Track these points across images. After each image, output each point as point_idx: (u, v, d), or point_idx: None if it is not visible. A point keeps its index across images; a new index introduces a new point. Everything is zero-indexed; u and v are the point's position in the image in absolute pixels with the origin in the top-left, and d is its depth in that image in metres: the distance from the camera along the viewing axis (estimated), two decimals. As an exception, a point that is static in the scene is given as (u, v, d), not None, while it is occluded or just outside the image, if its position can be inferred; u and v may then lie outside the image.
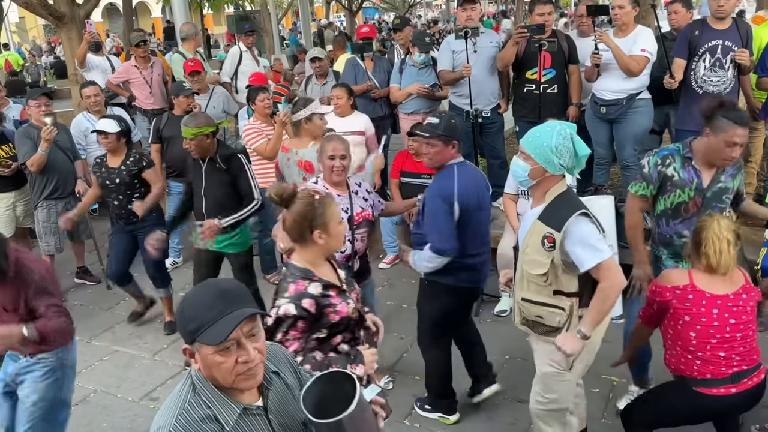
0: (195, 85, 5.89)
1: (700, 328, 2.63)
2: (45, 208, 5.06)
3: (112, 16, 33.03)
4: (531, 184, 2.62)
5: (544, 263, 2.56)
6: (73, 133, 5.48)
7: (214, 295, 1.50)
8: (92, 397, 3.99)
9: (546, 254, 2.55)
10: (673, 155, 3.07)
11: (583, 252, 2.49)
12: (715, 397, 2.64)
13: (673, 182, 3.06)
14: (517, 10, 23.27)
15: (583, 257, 2.49)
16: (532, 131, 2.59)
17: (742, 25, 4.51)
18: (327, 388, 1.58)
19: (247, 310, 1.49)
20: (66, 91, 10.99)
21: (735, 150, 2.89)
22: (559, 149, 2.48)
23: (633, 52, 4.52)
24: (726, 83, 4.51)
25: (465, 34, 4.89)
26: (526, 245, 2.64)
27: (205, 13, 24.99)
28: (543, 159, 2.51)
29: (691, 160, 3.05)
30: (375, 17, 34.31)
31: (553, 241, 2.51)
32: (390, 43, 10.98)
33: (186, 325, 1.50)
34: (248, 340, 1.49)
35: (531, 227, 2.62)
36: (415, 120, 5.42)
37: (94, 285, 5.59)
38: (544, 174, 2.54)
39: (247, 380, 1.52)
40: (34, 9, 7.30)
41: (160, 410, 1.56)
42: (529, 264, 2.64)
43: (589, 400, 3.59)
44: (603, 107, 4.77)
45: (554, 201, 2.56)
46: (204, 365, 1.51)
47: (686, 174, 3.04)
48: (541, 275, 2.59)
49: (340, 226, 2.38)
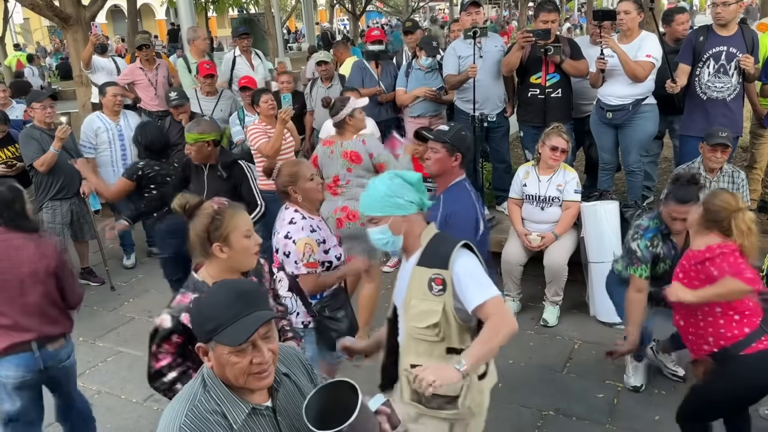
0: (206, 88, 5.92)
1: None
2: (50, 209, 5.08)
3: (117, 18, 33.10)
4: (399, 243, 2.29)
5: (436, 310, 2.20)
6: (84, 131, 5.50)
7: (233, 295, 1.52)
8: (96, 399, 3.98)
9: (436, 300, 2.20)
10: (656, 236, 3.39)
11: (468, 288, 2.16)
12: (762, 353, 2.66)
13: (659, 258, 3.41)
14: (521, 15, 23.32)
15: (469, 294, 2.15)
16: (361, 201, 2.32)
17: (747, 32, 4.52)
18: (330, 398, 1.58)
19: (265, 314, 1.52)
20: (71, 93, 10.98)
21: (676, 224, 3.24)
22: (393, 190, 2.23)
23: (638, 57, 4.52)
24: (730, 89, 4.52)
25: (474, 35, 4.90)
26: (409, 300, 2.27)
27: (209, 15, 25.03)
28: (390, 208, 2.23)
29: (669, 235, 3.38)
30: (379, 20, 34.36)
31: (442, 282, 2.18)
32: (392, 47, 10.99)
33: (203, 324, 1.52)
34: (263, 341, 1.52)
35: (410, 278, 2.27)
36: (421, 123, 5.44)
37: (98, 286, 5.60)
38: (403, 222, 2.25)
39: (260, 381, 1.53)
40: (40, 10, 7.33)
41: (169, 405, 1.58)
42: (416, 319, 2.25)
43: (593, 406, 3.61)
44: (609, 112, 4.78)
45: (430, 242, 2.26)
46: (217, 364, 1.53)
47: (666, 249, 3.40)
48: (433, 326, 2.21)
49: (245, 240, 2.20)
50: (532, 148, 4.86)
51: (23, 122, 5.86)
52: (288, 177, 3.02)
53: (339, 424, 1.48)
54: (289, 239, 2.94)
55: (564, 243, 4.41)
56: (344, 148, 4.12)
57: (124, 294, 5.41)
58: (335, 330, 3.05)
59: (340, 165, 4.11)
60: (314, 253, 2.92)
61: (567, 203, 4.41)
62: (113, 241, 5.07)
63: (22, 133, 5.06)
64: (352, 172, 4.10)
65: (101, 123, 5.49)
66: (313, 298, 3.04)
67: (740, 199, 2.79)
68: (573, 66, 4.95)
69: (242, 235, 2.19)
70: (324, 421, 1.51)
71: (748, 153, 5.70)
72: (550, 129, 4.41)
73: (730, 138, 4.09)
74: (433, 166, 3.12)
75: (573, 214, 4.42)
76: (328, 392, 1.59)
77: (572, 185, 4.41)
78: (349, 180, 4.11)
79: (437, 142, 3.10)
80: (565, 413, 3.56)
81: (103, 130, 5.49)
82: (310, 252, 2.91)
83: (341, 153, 4.11)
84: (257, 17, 17.97)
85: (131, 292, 5.40)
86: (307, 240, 2.92)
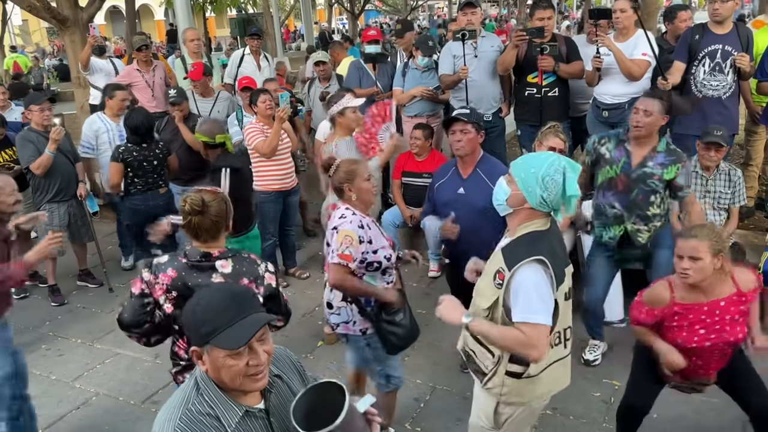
0: (197, 89, 5.93)
1: None
2: (47, 212, 5.07)
3: (115, 19, 33.11)
4: (508, 211, 2.30)
5: (490, 298, 2.29)
6: (84, 132, 5.50)
7: (227, 298, 1.54)
8: (94, 401, 3.99)
9: (494, 290, 2.27)
10: (610, 137, 3.58)
11: (517, 302, 2.18)
12: None
13: (605, 159, 3.56)
14: (519, 13, 23.31)
15: (515, 308, 2.19)
16: (525, 156, 2.34)
17: (742, 30, 4.51)
18: (318, 399, 1.58)
19: (262, 317, 1.53)
20: (69, 94, 11.00)
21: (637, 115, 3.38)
22: (545, 181, 2.16)
23: (634, 55, 4.52)
24: (725, 87, 4.52)
25: (462, 37, 4.91)
26: (485, 273, 2.40)
27: (207, 16, 25.03)
28: (526, 187, 2.21)
29: (625, 142, 3.50)
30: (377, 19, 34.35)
31: (503, 278, 2.23)
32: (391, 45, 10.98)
33: (198, 327, 1.52)
34: (258, 343, 1.53)
35: (493, 256, 2.37)
36: (418, 122, 5.44)
37: (97, 288, 5.60)
38: (523, 204, 2.23)
39: (255, 382, 1.55)
40: (38, 12, 7.33)
41: (162, 408, 1.58)
42: (479, 293, 2.39)
43: (590, 405, 3.61)
44: (605, 111, 4.78)
45: (521, 237, 2.26)
46: (213, 367, 1.54)
47: (617, 153, 3.51)
48: (485, 309, 2.31)
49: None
50: (529, 147, 4.86)
51: (22, 125, 5.87)
52: (345, 174, 2.95)
53: (326, 425, 1.48)
54: (334, 230, 2.90)
55: (561, 242, 4.42)
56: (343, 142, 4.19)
57: (122, 296, 5.41)
58: (395, 334, 2.94)
59: None
60: (352, 246, 2.82)
61: (564, 202, 4.41)
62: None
63: (18, 136, 5.06)
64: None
65: (102, 124, 5.49)
66: (368, 304, 2.96)
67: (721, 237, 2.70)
68: (567, 71, 4.95)
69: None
70: (312, 422, 1.51)
71: (743, 150, 5.71)
72: (547, 129, 4.39)
73: (725, 137, 4.10)
74: (467, 145, 3.43)
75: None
76: (316, 393, 1.59)
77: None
78: None
79: (468, 123, 3.38)
80: (562, 412, 3.56)
81: (103, 131, 5.49)
82: (348, 243, 2.82)
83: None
84: (256, 17, 17.98)
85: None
86: (349, 232, 2.84)
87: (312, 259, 5.85)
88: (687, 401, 3.35)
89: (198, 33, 7.05)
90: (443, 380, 3.88)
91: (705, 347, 2.69)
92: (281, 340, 4.27)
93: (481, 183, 3.46)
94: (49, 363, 4.45)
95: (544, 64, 4.83)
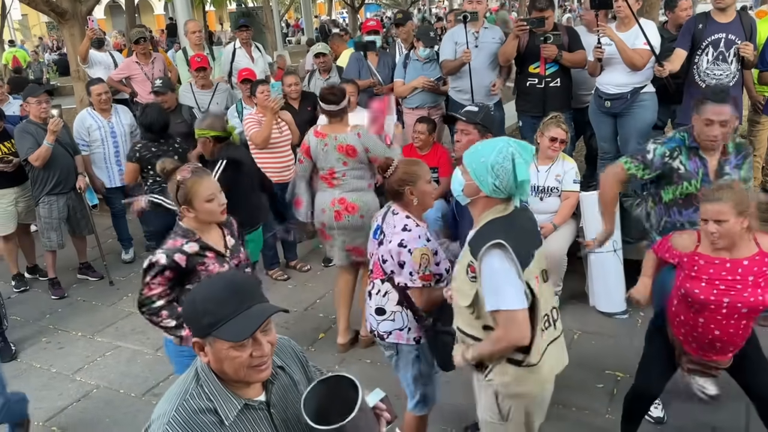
0: (199, 81, 5.90)
1: None
2: (47, 204, 5.07)
3: (115, 13, 33.05)
4: (466, 201, 2.29)
5: (469, 294, 2.24)
6: (76, 128, 5.49)
7: (228, 289, 1.50)
8: (95, 393, 3.98)
9: (470, 284, 2.22)
10: (680, 147, 3.11)
11: (485, 290, 2.16)
12: None
13: (680, 174, 3.11)
14: (521, 6, 23.22)
15: (486, 296, 2.16)
16: (476, 145, 2.31)
17: (746, 19, 4.48)
18: (328, 392, 1.56)
19: (267, 307, 1.50)
20: (68, 88, 10.97)
21: (713, 128, 2.93)
22: (495, 168, 2.15)
23: (636, 45, 4.48)
24: (729, 77, 4.48)
25: (464, 19, 4.88)
26: (458, 271, 2.33)
27: (207, 9, 24.98)
28: (477, 176, 2.20)
29: (697, 149, 3.08)
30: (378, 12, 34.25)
31: (474, 270, 2.19)
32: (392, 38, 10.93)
33: (199, 318, 1.48)
34: (262, 334, 1.49)
35: (462, 251, 2.32)
36: (420, 114, 5.41)
37: (97, 281, 5.59)
38: (479, 193, 2.22)
39: (259, 373, 1.52)
40: (36, 5, 7.29)
41: (162, 398, 1.56)
42: (457, 292, 2.34)
43: (593, 396, 3.59)
44: (607, 101, 4.74)
45: (484, 226, 2.22)
46: (215, 359, 1.51)
47: (692, 165, 3.09)
48: (467, 307, 2.27)
49: (207, 204, 2.66)
50: (531, 138, 4.81)
51: (20, 118, 5.85)
52: (405, 176, 2.77)
53: (338, 419, 1.46)
54: (404, 248, 2.70)
55: (563, 233, 4.38)
56: (339, 141, 3.99)
57: (123, 288, 5.40)
58: (451, 345, 2.72)
59: (335, 159, 3.99)
60: (430, 265, 2.69)
61: (566, 193, 4.38)
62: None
63: (17, 128, 5.04)
64: (348, 165, 4.02)
65: (93, 121, 5.48)
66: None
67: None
68: (570, 60, 4.92)
69: (204, 200, 2.66)
70: (322, 415, 1.49)
71: (747, 140, 5.67)
72: (548, 119, 4.37)
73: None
74: (465, 147, 3.07)
75: (572, 204, 4.40)
76: (326, 386, 1.57)
77: (571, 175, 4.38)
78: (345, 173, 4.03)
79: (469, 123, 3.10)
80: (564, 404, 3.54)
81: (95, 128, 5.48)
82: (426, 263, 2.67)
83: (336, 146, 3.98)
84: (256, 11, 17.93)
85: (129, 286, 5.38)
86: (424, 250, 2.68)
87: (312, 252, 5.83)
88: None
89: (199, 25, 7.02)
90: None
91: (722, 304, 2.59)
92: (282, 332, 4.25)
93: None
94: (50, 356, 4.45)
95: (547, 52, 4.80)
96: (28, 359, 4.43)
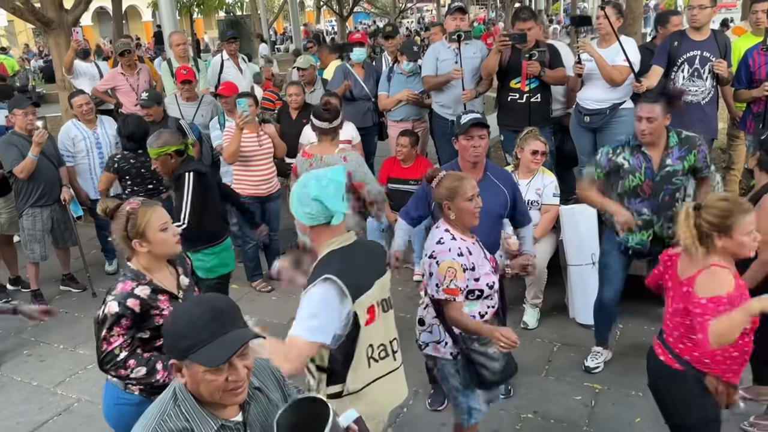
0: (184, 94, 5.91)
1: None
2: (30, 216, 5.05)
3: (103, 20, 32.89)
4: (305, 238, 2.34)
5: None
6: (61, 140, 5.47)
7: (208, 313, 1.51)
8: (76, 407, 3.97)
9: None
10: (623, 146, 3.52)
11: (297, 315, 2.17)
12: None
13: (625, 169, 3.48)
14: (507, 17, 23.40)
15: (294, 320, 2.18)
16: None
17: (720, 37, 4.59)
18: (302, 415, 1.58)
19: (244, 334, 1.51)
20: (54, 96, 10.92)
21: (642, 123, 3.34)
22: (300, 198, 2.24)
23: (616, 62, 4.57)
24: (704, 93, 4.58)
25: (458, 38, 4.94)
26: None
27: (195, 17, 24.95)
28: (295, 211, 2.28)
29: (640, 146, 3.45)
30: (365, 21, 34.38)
31: None
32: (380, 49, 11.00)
33: (177, 341, 1.51)
34: (239, 359, 1.51)
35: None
36: (404, 127, 5.47)
37: (80, 292, 5.57)
38: (306, 227, 2.29)
39: (234, 397, 1.55)
40: (22, 14, 7.27)
41: (141, 418, 1.58)
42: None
43: (571, 409, 3.64)
44: (586, 116, 4.82)
45: (323, 258, 2.27)
46: (192, 381, 1.53)
47: (635, 160, 3.46)
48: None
49: (162, 234, 2.47)
50: (512, 152, 4.89)
51: (5, 128, 5.83)
52: (446, 191, 2.75)
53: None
54: (432, 259, 2.69)
55: (543, 246, 4.44)
56: (324, 162, 4.01)
57: (106, 300, 5.38)
58: (486, 367, 2.67)
59: None
60: (456, 279, 2.62)
61: (546, 207, 4.44)
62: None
63: (1, 140, 5.02)
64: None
65: (78, 131, 5.48)
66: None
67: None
68: (552, 77, 4.97)
69: (157, 230, 2.46)
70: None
71: (726, 155, 5.77)
72: (526, 133, 4.43)
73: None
74: (484, 151, 3.32)
75: (552, 218, 4.46)
76: (299, 408, 1.60)
77: (551, 189, 4.44)
78: None
79: (485, 128, 3.28)
80: (543, 416, 3.59)
81: (80, 139, 5.48)
82: (452, 277, 2.61)
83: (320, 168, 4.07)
84: (243, 19, 17.96)
85: (113, 298, 5.36)
86: (451, 264, 2.63)
87: (297, 263, 5.83)
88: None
89: (184, 37, 7.01)
90: (427, 385, 3.88)
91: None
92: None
93: (494, 187, 3.32)
94: (31, 369, 4.42)
95: (531, 69, 4.87)
96: (8, 372, 4.40)
